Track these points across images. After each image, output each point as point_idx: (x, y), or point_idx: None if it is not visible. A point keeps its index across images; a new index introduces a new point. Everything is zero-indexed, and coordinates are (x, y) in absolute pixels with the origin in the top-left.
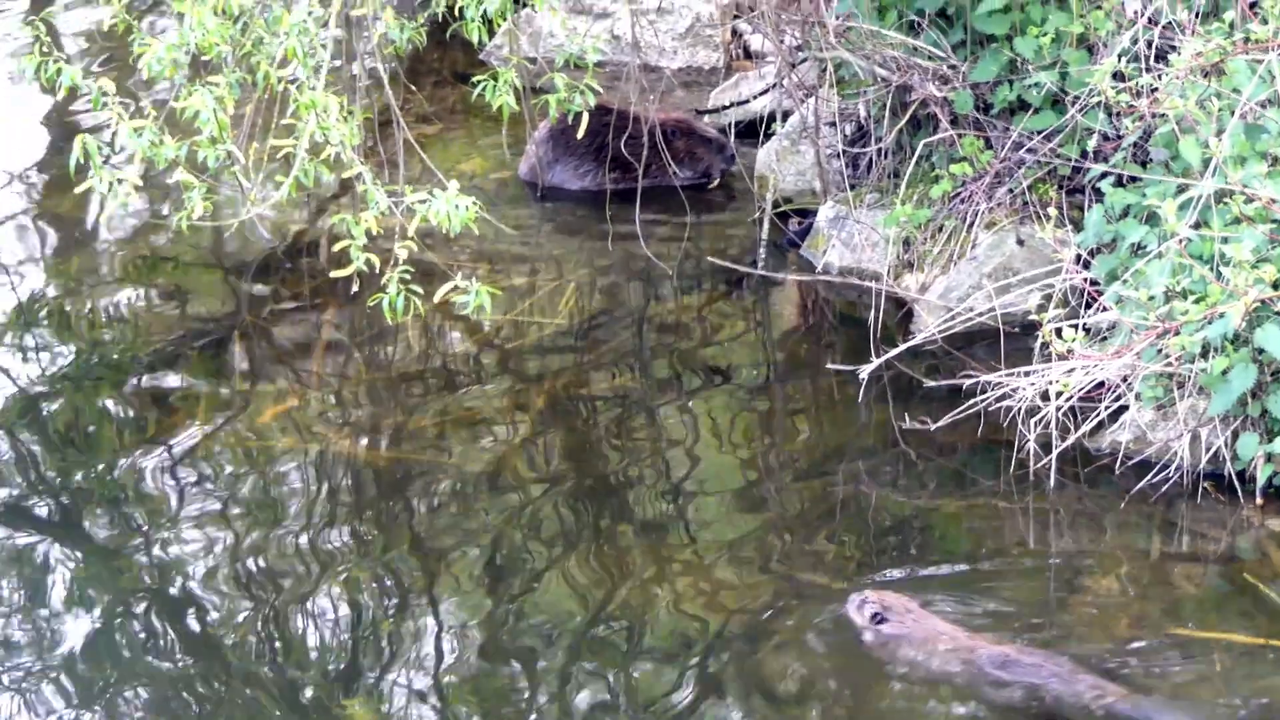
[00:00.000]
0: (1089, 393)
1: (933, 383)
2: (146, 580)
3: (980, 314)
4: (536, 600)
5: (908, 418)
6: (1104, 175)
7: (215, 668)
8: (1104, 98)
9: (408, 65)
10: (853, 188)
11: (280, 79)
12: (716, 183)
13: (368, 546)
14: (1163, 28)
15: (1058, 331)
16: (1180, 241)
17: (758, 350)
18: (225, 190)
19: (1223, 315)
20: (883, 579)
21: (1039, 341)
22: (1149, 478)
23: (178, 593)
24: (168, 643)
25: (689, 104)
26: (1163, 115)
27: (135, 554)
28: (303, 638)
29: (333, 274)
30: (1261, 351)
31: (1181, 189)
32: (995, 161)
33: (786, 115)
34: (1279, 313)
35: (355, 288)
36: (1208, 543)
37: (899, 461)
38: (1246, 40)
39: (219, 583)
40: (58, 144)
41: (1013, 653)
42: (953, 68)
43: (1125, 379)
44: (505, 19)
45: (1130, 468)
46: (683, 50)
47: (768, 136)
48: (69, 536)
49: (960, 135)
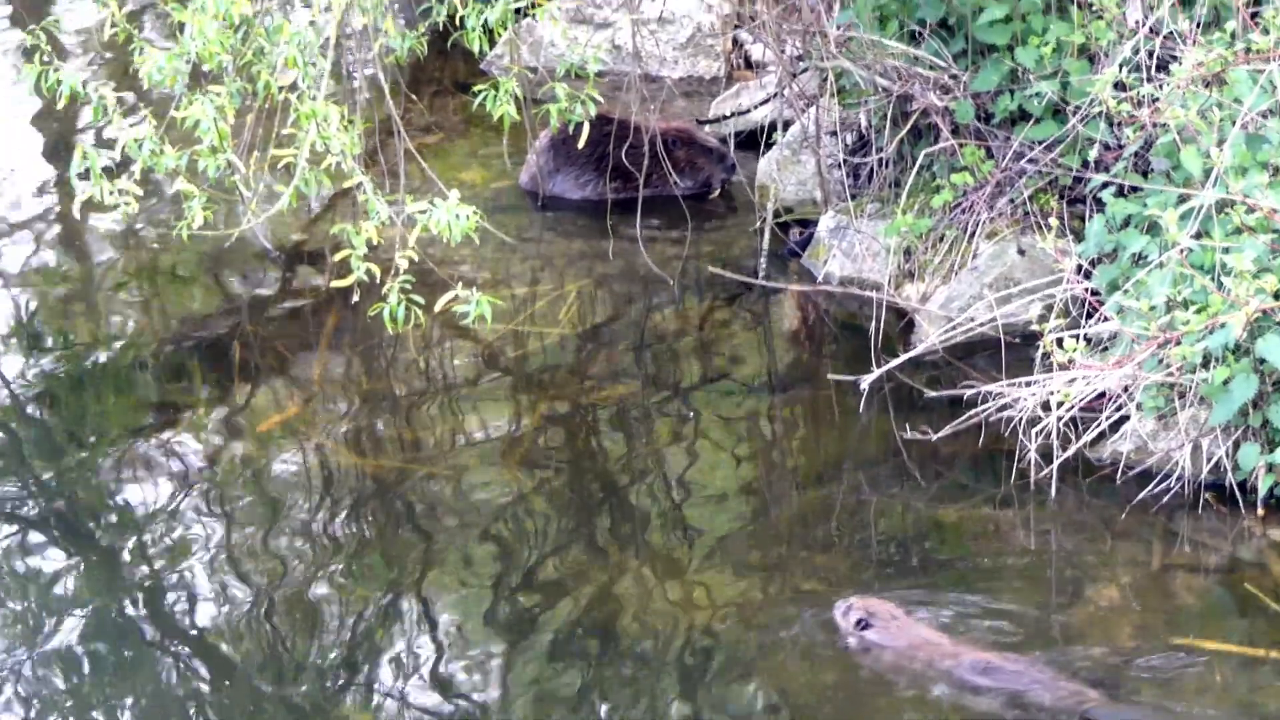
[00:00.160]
0: (1090, 403)
1: (934, 393)
2: (145, 587)
3: (981, 324)
4: (537, 608)
5: (909, 428)
6: (1105, 185)
7: (213, 674)
8: (1105, 107)
9: (408, 75)
10: (854, 197)
11: (281, 88)
12: (717, 192)
13: (368, 555)
14: (1164, 38)
15: (1059, 341)
16: (1181, 251)
17: (758, 360)
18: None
19: (1224, 325)
20: (884, 589)
21: (1040, 351)
22: (1150, 488)
23: (176, 600)
24: (166, 649)
25: (690, 114)
26: (1164, 125)
27: (134, 561)
28: (301, 644)
29: (333, 284)
30: (1263, 362)
31: (1183, 199)
32: (996, 171)
33: (787, 125)
34: None
35: (356, 297)
36: (1209, 553)
37: (900, 471)
38: (1248, 50)
39: (218, 591)
40: (58, 152)
41: (994, 659)
42: (954, 77)
43: (1126, 389)
44: (506, 29)
45: (1131, 478)
46: (684, 60)
47: (768, 146)
48: (68, 543)
49: (961, 145)
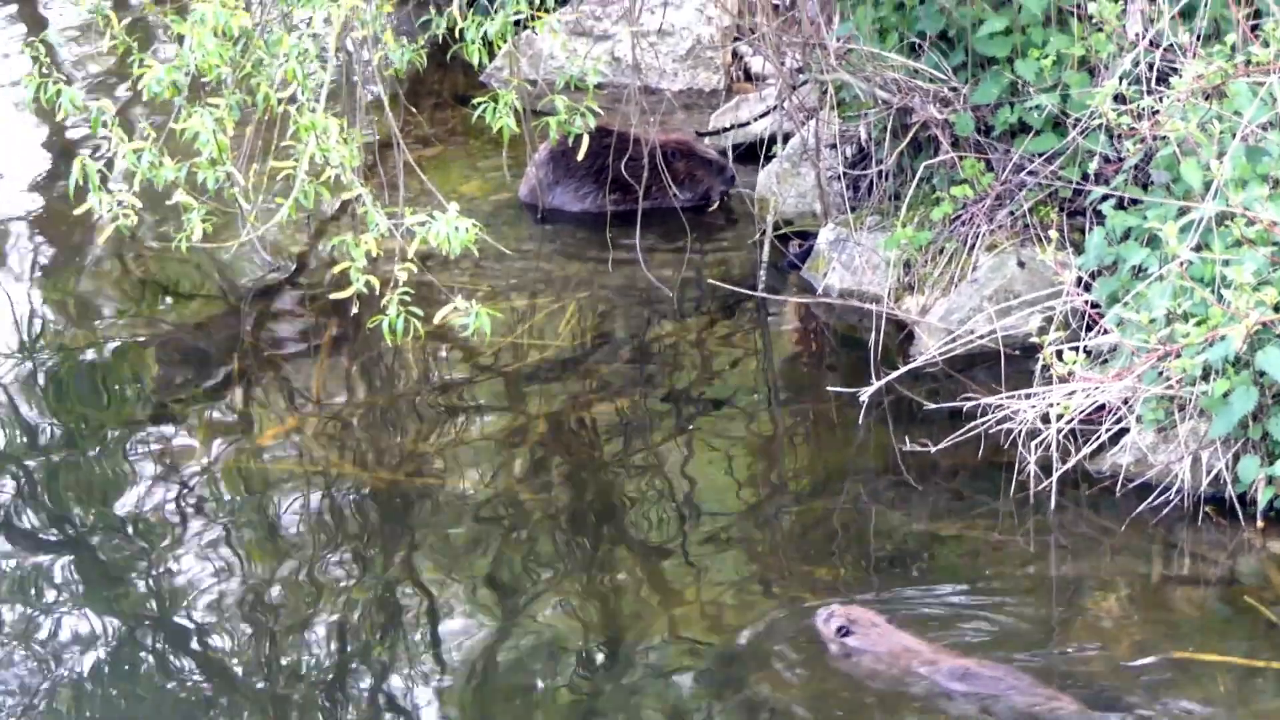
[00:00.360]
0: (1090, 415)
1: (933, 405)
2: (146, 602)
3: (981, 336)
4: (536, 623)
5: (908, 440)
6: (1105, 198)
7: (209, 683)
8: (1105, 120)
9: (408, 87)
10: (853, 210)
11: (280, 100)
12: (717, 205)
13: (367, 569)
14: (1164, 50)
15: (1058, 354)
16: (1181, 264)
17: (758, 372)
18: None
19: (1224, 338)
20: (884, 600)
21: (1040, 364)
22: (1150, 500)
23: (177, 614)
24: (167, 665)
25: (689, 126)
26: (1164, 138)
27: (135, 576)
28: (299, 654)
29: (332, 295)
30: (1262, 374)
31: (1183, 211)
32: (996, 184)
33: (787, 137)
34: None
35: (355, 309)
36: (1209, 565)
37: (899, 484)
38: (1248, 63)
39: (218, 605)
40: (57, 163)
41: (973, 666)
42: (954, 90)
43: (1126, 401)
44: (506, 41)
45: (1131, 490)
46: (683, 72)
47: (768, 158)
48: (69, 558)
49: (961, 157)
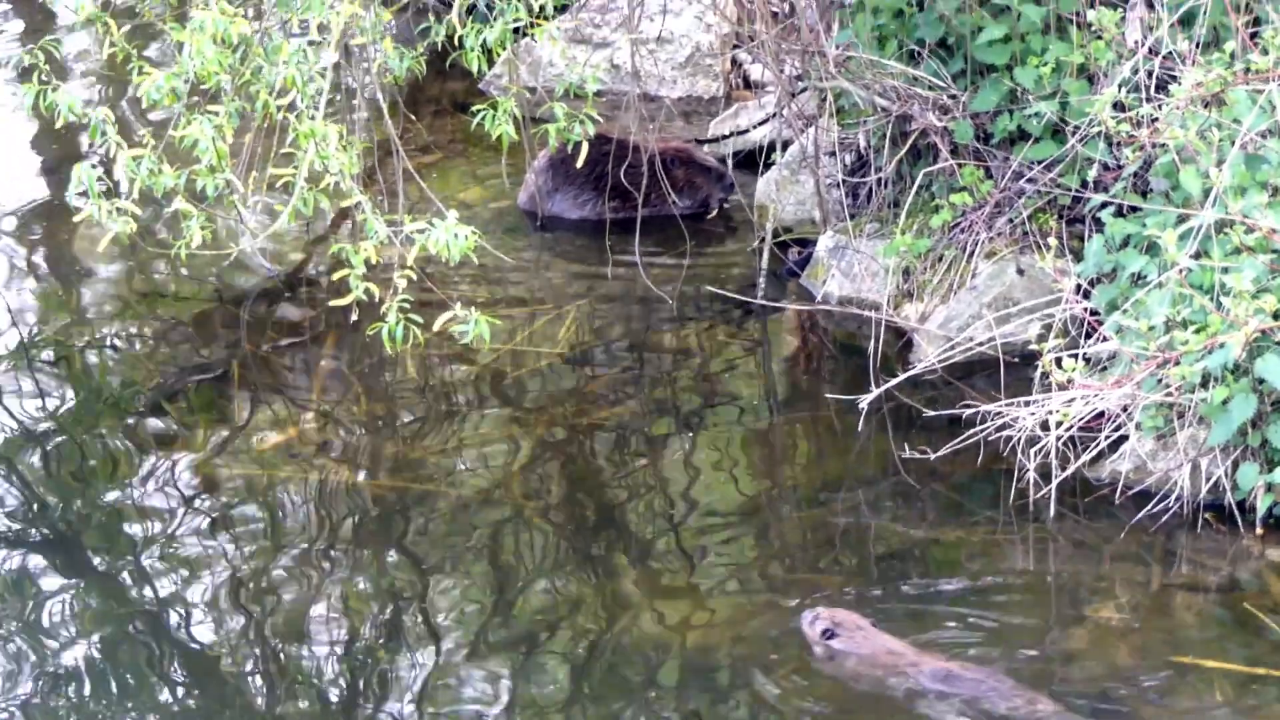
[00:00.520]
0: (1089, 422)
1: (932, 412)
2: (146, 610)
3: (980, 344)
4: (535, 628)
5: (907, 447)
6: (1104, 205)
7: (213, 696)
8: (1104, 128)
9: (407, 94)
10: (852, 217)
11: (279, 108)
12: (716, 212)
13: (367, 576)
14: (1163, 58)
15: (1058, 361)
16: (1180, 271)
17: (757, 380)
18: (224, 219)
19: (1223, 345)
20: (883, 607)
21: (1039, 371)
22: (1149, 507)
23: (178, 622)
24: (167, 672)
25: (689, 133)
26: (1163, 145)
27: (135, 584)
28: (301, 666)
29: (332, 303)
30: (1262, 381)
31: (1182, 219)
32: (995, 191)
33: (786, 145)
34: (1279, 343)
35: (354, 317)
36: (1208, 573)
37: (899, 491)
38: (1247, 70)
39: (219, 612)
40: (56, 171)
41: (955, 668)
42: (953, 97)
43: (1125, 409)
44: (505, 48)
45: (1130, 498)
46: (682, 80)
47: (767, 166)
48: (69, 567)
49: (960, 165)
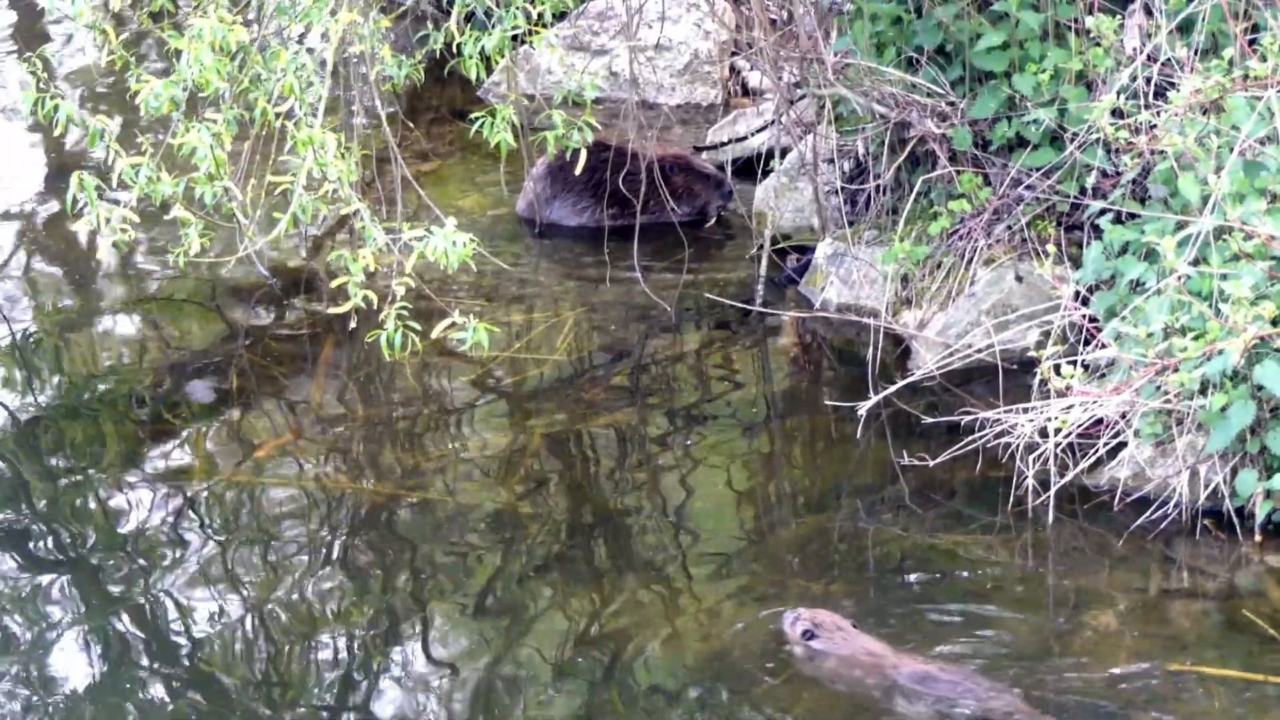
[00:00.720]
0: (1087, 429)
1: (931, 419)
2: (142, 615)
3: (979, 350)
4: (535, 637)
5: (906, 454)
6: (1103, 212)
7: (209, 699)
8: (1103, 134)
9: (406, 102)
10: (851, 224)
11: (278, 115)
12: (714, 219)
13: (364, 583)
14: (1162, 65)
15: (1056, 368)
16: (1179, 278)
17: (756, 387)
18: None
19: (1221, 352)
20: (881, 614)
21: (1037, 378)
22: (1148, 514)
23: (173, 627)
24: (166, 683)
25: (687, 141)
26: (1162, 152)
27: (131, 589)
28: (299, 671)
29: (330, 310)
30: (1260, 388)
31: (1180, 226)
32: (994, 198)
33: (785, 152)
34: (1278, 349)
35: (353, 324)
36: (1206, 579)
37: (897, 498)
38: (1245, 77)
39: (215, 616)
40: (54, 178)
41: (933, 670)
42: (951, 104)
43: (1124, 415)
44: (503, 56)
45: (1129, 504)
46: (681, 87)
47: (766, 173)
48: (65, 571)
49: (959, 172)
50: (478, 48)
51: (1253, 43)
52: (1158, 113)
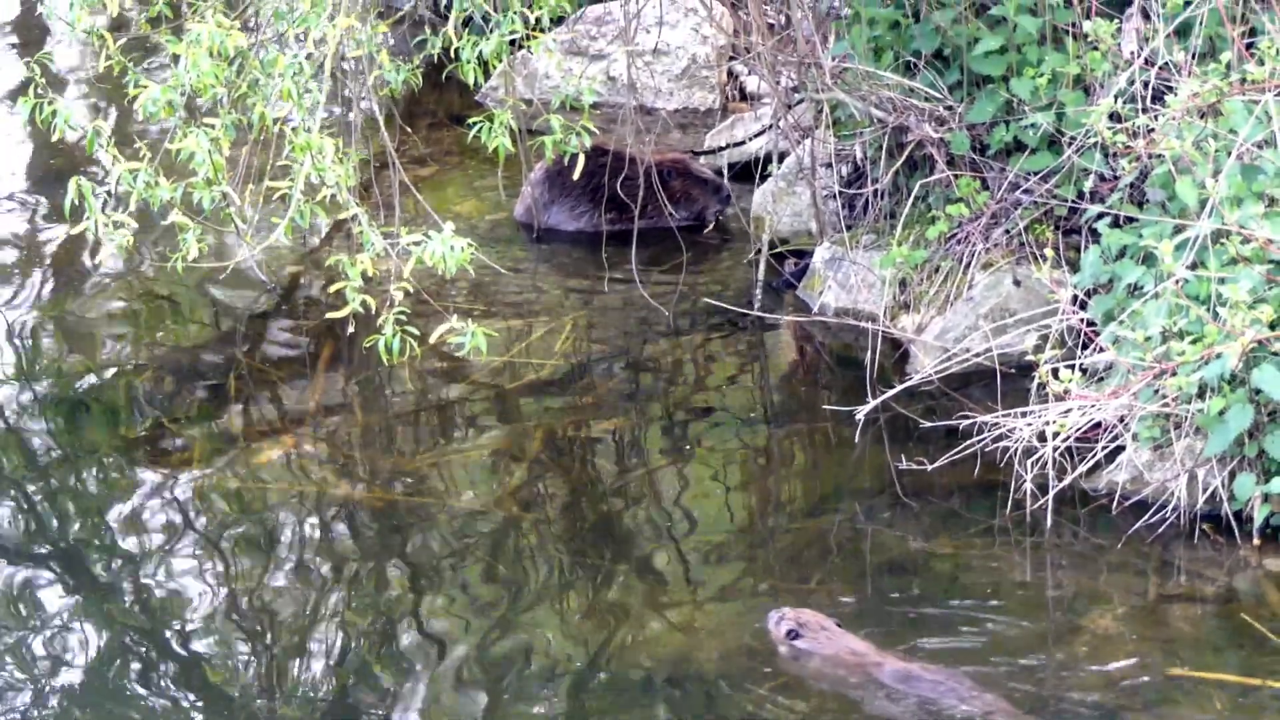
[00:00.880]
0: (1086, 433)
1: (929, 423)
2: (141, 622)
3: (977, 355)
4: (533, 641)
5: (904, 458)
6: (1101, 216)
7: (205, 705)
8: (1100, 138)
9: (403, 107)
10: (849, 229)
11: (276, 120)
12: (712, 224)
13: (363, 588)
14: (1159, 69)
15: (1054, 372)
16: (1177, 282)
17: (754, 391)
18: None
19: (1220, 356)
20: (879, 617)
21: (1036, 382)
22: (1146, 518)
23: (173, 634)
24: (164, 684)
25: (685, 145)
26: (1159, 156)
27: (130, 596)
28: (298, 679)
29: (328, 315)
30: (1258, 392)
31: (1178, 229)
32: (992, 202)
33: (782, 156)
34: (1276, 353)
35: (351, 329)
36: (1205, 583)
37: (895, 502)
38: (1243, 81)
39: (214, 624)
40: (52, 184)
41: (915, 669)
42: (949, 109)
43: (1122, 419)
44: (501, 61)
45: (1127, 508)
46: (679, 92)
47: (764, 178)
48: (63, 578)
49: (957, 176)
50: (475, 53)
51: (1250, 46)
52: (1155, 117)
